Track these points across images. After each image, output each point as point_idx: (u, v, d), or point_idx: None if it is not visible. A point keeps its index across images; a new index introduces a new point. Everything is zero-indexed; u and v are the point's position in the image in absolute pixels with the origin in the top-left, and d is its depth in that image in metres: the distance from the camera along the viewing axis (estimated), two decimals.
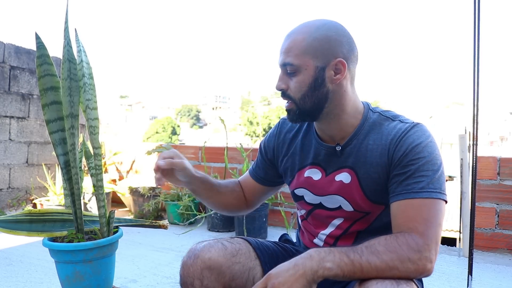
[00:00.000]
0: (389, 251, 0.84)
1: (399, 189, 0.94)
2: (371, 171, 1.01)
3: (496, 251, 2.69)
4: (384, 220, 1.04)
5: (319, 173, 1.09)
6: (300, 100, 1.01)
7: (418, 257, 0.85)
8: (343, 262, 0.82)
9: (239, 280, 1.02)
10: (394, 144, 0.98)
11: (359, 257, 0.83)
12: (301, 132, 1.16)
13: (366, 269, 0.82)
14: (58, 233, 1.42)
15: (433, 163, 0.94)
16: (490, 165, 2.72)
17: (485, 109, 50.63)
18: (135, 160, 4.18)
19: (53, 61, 1.42)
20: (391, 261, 0.83)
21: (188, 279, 0.99)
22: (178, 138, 46.52)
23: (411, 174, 0.94)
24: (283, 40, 1.03)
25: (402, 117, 1.04)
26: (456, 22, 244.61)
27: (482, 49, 1.82)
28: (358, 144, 1.03)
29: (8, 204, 3.64)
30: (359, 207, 1.04)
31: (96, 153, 1.45)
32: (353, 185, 1.03)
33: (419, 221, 0.89)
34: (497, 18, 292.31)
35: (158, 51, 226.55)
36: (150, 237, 2.98)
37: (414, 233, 0.88)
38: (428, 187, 0.91)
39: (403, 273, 0.84)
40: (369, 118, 1.05)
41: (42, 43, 1.40)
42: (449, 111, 49.65)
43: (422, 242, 0.87)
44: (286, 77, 1.02)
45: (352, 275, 0.83)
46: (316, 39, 0.98)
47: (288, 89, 1.02)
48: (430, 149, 0.95)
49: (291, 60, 0.99)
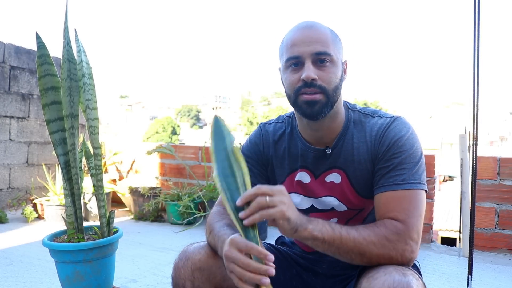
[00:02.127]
0: (367, 228, 0.90)
1: (382, 181, 0.97)
2: (359, 169, 1.03)
3: (496, 251, 2.69)
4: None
5: (308, 176, 1.09)
6: (333, 91, 0.99)
7: (396, 239, 0.89)
8: (325, 228, 0.87)
9: (231, 281, 1.01)
10: (378, 139, 1.01)
11: (339, 227, 0.89)
12: (285, 136, 1.14)
13: (344, 239, 0.87)
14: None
15: (414, 155, 0.97)
16: (490, 165, 2.72)
17: (485, 109, 50.67)
18: (135, 160, 4.18)
19: (53, 61, 1.42)
20: (368, 236, 0.88)
21: (180, 280, 0.99)
22: (178, 138, 46.52)
23: (394, 167, 0.96)
24: (301, 31, 0.99)
25: (381, 113, 1.07)
26: (456, 22, 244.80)
27: (482, 49, 1.82)
28: (345, 144, 1.05)
29: (8, 204, 3.64)
30: (352, 205, 1.06)
31: (96, 153, 1.45)
32: (344, 185, 1.05)
33: (400, 211, 0.92)
34: (497, 18, 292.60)
35: (158, 51, 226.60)
36: (150, 237, 2.98)
37: (395, 220, 0.92)
38: (409, 178, 0.95)
39: (380, 249, 0.88)
40: (351, 117, 1.07)
41: (43, 43, 1.40)
42: (449, 111, 49.64)
43: (402, 227, 0.90)
44: (315, 67, 0.97)
45: (331, 242, 0.87)
46: (336, 38, 1.02)
47: (319, 80, 0.97)
48: (412, 142, 0.99)
49: (327, 50, 0.97)
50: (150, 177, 4.05)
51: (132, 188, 3.71)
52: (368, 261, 0.89)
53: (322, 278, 1.13)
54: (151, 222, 3.54)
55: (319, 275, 1.13)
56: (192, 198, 3.37)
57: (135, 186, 3.74)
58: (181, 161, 3.83)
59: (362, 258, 0.89)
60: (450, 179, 18.67)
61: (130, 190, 3.71)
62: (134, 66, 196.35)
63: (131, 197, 3.71)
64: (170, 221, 3.47)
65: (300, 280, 1.13)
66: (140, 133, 44.88)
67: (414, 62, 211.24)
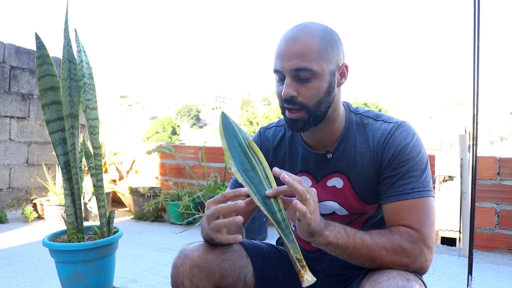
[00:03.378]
0: (381, 235, 0.90)
1: (391, 191, 0.96)
2: (362, 174, 1.01)
3: (496, 251, 2.69)
4: (377, 217, 1.06)
5: (309, 180, 1.08)
6: (315, 106, 0.96)
7: (411, 247, 0.88)
8: (340, 234, 0.88)
9: (229, 278, 1.02)
10: (382, 146, 0.99)
11: (354, 233, 0.89)
12: (285, 140, 1.13)
13: (358, 245, 0.87)
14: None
15: (421, 162, 0.96)
16: (490, 165, 2.72)
17: (485, 109, 50.64)
18: (135, 160, 4.18)
19: (53, 61, 1.42)
20: (382, 243, 0.88)
21: (178, 278, 0.99)
22: (178, 138, 46.50)
23: (402, 175, 0.95)
24: (285, 43, 0.95)
25: (385, 117, 1.05)
26: (456, 22, 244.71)
27: (482, 49, 1.82)
28: (347, 148, 1.04)
29: (8, 204, 3.64)
30: (353, 210, 1.05)
31: (96, 153, 1.45)
32: (346, 189, 1.04)
33: (413, 220, 0.92)
34: (497, 18, 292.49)
35: (158, 51, 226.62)
36: (150, 237, 2.98)
37: (409, 228, 0.91)
38: (419, 186, 0.94)
39: (392, 256, 0.88)
40: (352, 120, 1.05)
41: (42, 43, 1.40)
42: (449, 111, 49.62)
43: (417, 235, 0.90)
44: (295, 83, 0.95)
45: (344, 247, 0.87)
46: (328, 43, 0.96)
47: (299, 96, 0.95)
48: (417, 149, 0.98)
49: (307, 65, 0.92)
50: (150, 177, 4.05)
51: (132, 188, 3.71)
52: (378, 266, 0.89)
53: (322, 277, 1.13)
54: (151, 222, 3.54)
55: (319, 273, 1.13)
56: (192, 198, 3.37)
57: (135, 186, 3.74)
58: (181, 161, 3.83)
59: (372, 263, 0.89)
60: (450, 179, 18.67)
61: (130, 190, 3.72)
62: (134, 66, 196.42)
63: (131, 197, 3.71)
64: (170, 221, 3.48)
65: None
66: (140, 133, 44.87)
67: (414, 62, 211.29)
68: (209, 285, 1.00)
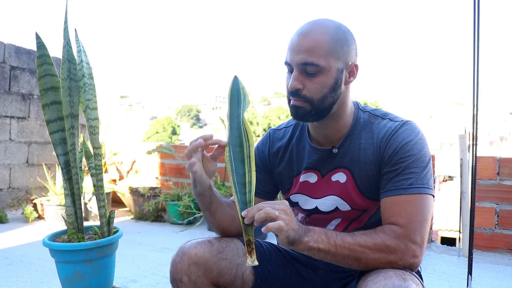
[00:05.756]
0: (364, 234, 0.91)
1: (389, 185, 0.97)
2: (365, 169, 1.03)
3: (495, 251, 2.69)
4: (380, 214, 1.06)
5: (315, 176, 1.10)
6: (319, 101, 0.99)
7: (395, 243, 0.89)
8: (320, 238, 0.89)
9: (227, 276, 1.04)
10: (385, 142, 1.00)
11: (335, 236, 0.90)
12: (294, 138, 1.16)
13: (339, 247, 0.88)
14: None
15: (422, 160, 0.97)
16: (490, 165, 2.72)
17: (485, 109, 50.67)
18: (135, 160, 4.18)
19: (53, 61, 1.42)
20: (364, 242, 0.89)
21: (177, 275, 1.02)
22: (178, 138, 46.48)
23: (401, 171, 0.96)
24: (297, 38, 0.99)
25: (391, 115, 1.06)
26: (456, 22, 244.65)
27: (482, 49, 1.82)
28: (352, 144, 1.05)
29: (8, 204, 3.64)
30: (356, 205, 1.06)
31: (96, 153, 1.45)
32: (349, 184, 1.05)
33: (402, 215, 0.92)
34: (497, 18, 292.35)
35: (158, 51, 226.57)
36: (150, 237, 2.98)
37: (395, 225, 0.91)
38: (417, 183, 0.94)
39: (376, 253, 0.88)
40: (360, 118, 1.07)
41: (42, 43, 1.40)
42: (449, 111, 49.63)
43: (401, 231, 0.90)
44: (302, 77, 0.98)
45: (326, 251, 0.89)
46: (339, 41, 0.98)
47: (304, 89, 0.99)
48: (420, 147, 0.98)
49: (315, 60, 0.96)
50: (150, 177, 4.06)
51: (132, 188, 3.71)
52: (365, 266, 0.90)
53: (321, 273, 1.14)
54: (151, 222, 3.54)
55: (319, 269, 1.14)
56: (192, 198, 3.37)
57: (135, 186, 3.74)
58: (181, 161, 3.83)
59: (359, 264, 0.90)
60: (450, 179, 18.64)
61: (130, 190, 3.72)
62: (134, 66, 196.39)
63: (131, 197, 3.71)
64: (170, 221, 3.48)
65: (300, 277, 1.14)
66: (140, 133, 44.85)
67: (414, 62, 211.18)
68: (207, 282, 1.01)
